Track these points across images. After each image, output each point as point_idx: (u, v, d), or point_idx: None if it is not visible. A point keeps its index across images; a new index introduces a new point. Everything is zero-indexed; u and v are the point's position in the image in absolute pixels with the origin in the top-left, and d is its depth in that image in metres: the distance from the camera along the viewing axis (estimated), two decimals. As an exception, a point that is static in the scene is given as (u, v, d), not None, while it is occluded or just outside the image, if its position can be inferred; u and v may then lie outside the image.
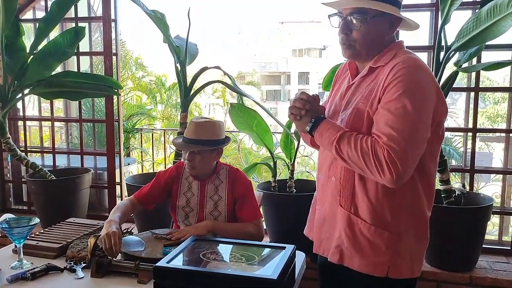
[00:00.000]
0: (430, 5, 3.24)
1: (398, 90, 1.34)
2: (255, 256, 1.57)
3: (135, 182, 3.56)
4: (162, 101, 12.03)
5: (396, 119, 1.32)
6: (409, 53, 1.46)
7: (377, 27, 1.44)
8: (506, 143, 3.41)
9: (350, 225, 1.48)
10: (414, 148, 1.34)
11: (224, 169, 2.18)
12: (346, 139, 1.38)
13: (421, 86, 1.36)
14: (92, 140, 4.56)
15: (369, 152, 1.32)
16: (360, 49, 1.47)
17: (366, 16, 1.41)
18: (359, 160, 1.34)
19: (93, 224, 2.29)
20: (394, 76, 1.36)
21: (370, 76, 1.48)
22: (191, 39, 3.41)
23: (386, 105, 1.35)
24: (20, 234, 1.78)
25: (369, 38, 1.44)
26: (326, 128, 1.43)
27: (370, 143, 1.33)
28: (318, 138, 1.46)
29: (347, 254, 1.50)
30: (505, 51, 3.33)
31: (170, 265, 1.44)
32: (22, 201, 4.35)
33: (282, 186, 3.31)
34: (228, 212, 2.13)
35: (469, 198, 2.96)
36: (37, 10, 4.20)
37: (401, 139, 1.30)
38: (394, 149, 1.30)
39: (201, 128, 2.04)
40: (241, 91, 3.38)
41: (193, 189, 2.17)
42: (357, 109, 1.44)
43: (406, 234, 1.46)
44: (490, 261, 3.01)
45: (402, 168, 1.30)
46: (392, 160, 1.30)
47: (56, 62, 3.60)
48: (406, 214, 1.46)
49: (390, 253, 1.45)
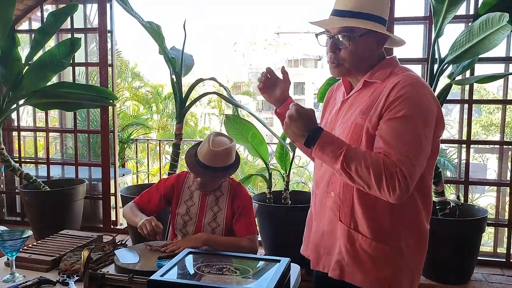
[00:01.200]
0: (423, 18, 3.27)
1: (403, 107, 1.34)
2: (249, 269, 1.56)
3: (129, 193, 3.54)
4: (158, 111, 12.03)
5: (404, 136, 1.32)
6: (407, 70, 1.47)
7: (365, 45, 1.45)
8: (500, 154, 3.44)
9: (351, 240, 1.47)
10: (421, 165, 1.35)
11: (226, 182, 2.18)
12: (353, 154, 1.34)
13: (425, 103, 1.37)
14: (87, 151, 4.54)
15: (382, 168, 1.30)
16: (349, 67, 1.47)
17: (353, 35, 1.42)
18: (369, 176, 1.31)
19: (87, 236, 2.27)
20: (398, 94, 1.36)
21: (366, 90, 1.48)
22: (186, 50, 3.43)
23: (392, 122, 1.35)
24: (13, 247, 1.76)
25: (357, 56, 1.45)
26: (327, 141, 1.37)
27: (382, 160, 1.31)
28: (318, 152, 1.38)
29: (347, 270, 1.49)
30: (498, 64, 3.37)
31: (164, 278, 1.43)
32: (15, 212, 4.32)
33: (277, 198, 3.30)
34: (226, 225, 2.12)
35: (463, 210, 2.97)
36: (33, 21, 4.21)
37: (412, 156, 1.31)
38: (404, 165, 1.29)
39: (219, 156, 2.01)
40: (236, 103, 3.39)
41: (194, 198, 2.18)
42: (355, 124, 1.43)
43: (406, 248, 1.46)
44: (485, 273, 3.01)
45: (411, 185, 1.31)
46: (403, 177, 1.29)
47: (51, 73, 3.60)
48: (406, 228, 1.46)
49: (392, 268, 1.45)
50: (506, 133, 3.42)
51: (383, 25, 1.46)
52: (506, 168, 3.43)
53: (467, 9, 3.22)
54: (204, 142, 2.08)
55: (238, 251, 2.00)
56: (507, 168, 3.43)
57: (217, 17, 64.73)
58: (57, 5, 4.07)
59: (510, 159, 3.29)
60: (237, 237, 2.09)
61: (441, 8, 2.74)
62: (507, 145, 3.33)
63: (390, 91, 1.38)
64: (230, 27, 62.52)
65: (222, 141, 2.05)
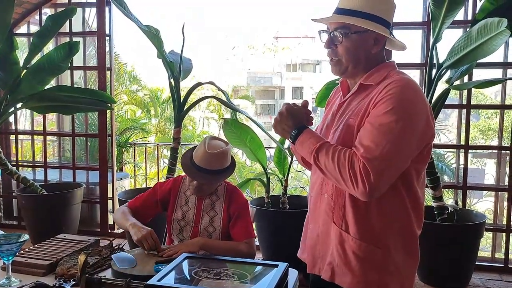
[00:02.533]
0: (422, 23, 3.28)
1: (387, 106, 1.35)
2: (247, 274, 1.55)
3: (127, 197, 3.53)
4: (157, 115, 12.02)
5: (378, 134, 1.33)
6: (402, 74, 1.48)
7: (360, 42, 1.47)
8: (498, 159, 3.44)
9: (342, 242, 1.48)
10: (392, 165, 1.34)
11: (222, 186, 2.17)
12: (325, 149, 1.39)
13: (411, 105, 1.37)
14: (85, 155, 4.53)
15: (345, 163, 1.33)
16: (347, 64, 1.50)
17: (348, 32, 1.46)
18: (335, 170, 1.35)
19: (84, 240, 2.25)
20: (385, 93, 1.37)
21: (361, 93, 1.50)
22: (185, 54, 3.43)
23: (372, 120, 1.37)
24: (9, 251, 1.75)
25: (352, 52, 1.48)
26: (307, 137, 1.44)
27: (348, 155, 1.34)
28: (298, 146, 1.46)
29: (338, 272, 1.49)
30: (496, 69, 3.37)
31: (162, 283, 1.42)
32: (12, 216, 4.29)
33: (275, 202, 3.30)
34: (223, 229, 2.11)
35: (462, 214, 2.97)
36: (31, 25, 4.21)
37: (379, 153, 1.31)
38: (370, 162, 1.30)
39: (217, 159, 2.02)
40: (234, 107, 3.39)
41: (190, 203, 2.16)
42: (347, 125, 1.45)
43: (395, 251, 1.46)
44: (484, 278, 3.00)
45: (376, 182, 1.31)
46: (366, 173, 1.30)
47: (49, 76, 3.60)
48: (395, 231, 1.46)
49: (380, 271, 1.45)
50: (504, 138, 3.41)
51: (385, 27, 1.46)
52: (504, 173, 3.43)
53: (465, 14, 3.23)
54: (200, 145, 2.08)
55: (235, 256, 1.99)
56: (505, 173, 3.43)
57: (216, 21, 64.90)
58: (55, 9, 4.08)
59: (508, 164, 3.29)
60: (234, 242, 2.08)
61: (439, 13, 2.75)
62: (505, 150, 3.32)
63: (380, 91, 1.39)
64: (229, 29, 62.73)
65: (217, 144, 2.06)
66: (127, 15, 3.13)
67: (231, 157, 2.13)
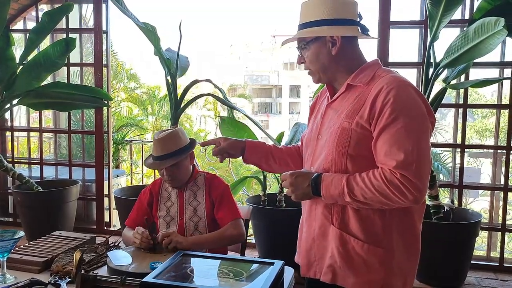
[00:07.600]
0: (419, 22, 3.28)
1: (393, 112, 1.35)
2: (243, 272, 1.55)
3: (123, 194, 3.52)
4: (154, 113, 12.00)
5: (399, 141, 1.34)
6: (390, 72, 1.48)
7: (317, 49, 1.51)
8: (494, 158, 3.45)
9: (343, 243, 1.47)
10: (426, 162, 1.36)
11: (202, 176, 2.22)
12: (353, 182, 1.38)
13: (413, 103, 1.38)
14: (81, 152, 4.52)
15: (382, 184, 1.33)
16: (318, 73, 1.55)
17: (304, 44, 1.53)
18: (376, 196, 1.34)
19: (80, 237, 2.25)
20: (385, 100, 1.37)
21: (351, 94, 1.49)
22: (182, 52, 3.42)
23: (385, 130, 1.36)
24: (4, 247, 1.74)
25: (315, 61, 1.53)
26: (328, 181, 1.42)
27: (379, 175, 1.34)
28: (326, 194, 1.43)
29: (340, 273, 1.49)
30: (492, 69, 3.38)
31: (157, 280, 1.41)
32: (7, 213, 4.28)
33: (272, 200, 3.30)
34: (208, 217, 2.14)
35: (457, 213, 2.97)
36: (27, 21, 4.19)
37: (410, 158, 1.32)
38: (406, 170, 1.31)
39: (165, 142, 2.09)
40: (231, 105, 3.39)
41: (172, 198, 2.21)
42: (342, 128, 1.45)
43: (398, 251, 1.46)
44: (479, 277, 3.01)
45: (420, 185, 1.32)
46: (408, 181, 1.31)
47: (45, 73, 3.58)
48: (398, 229, 1.46)
49: (384, 271, 1.45)
50: (500, 138, 3.43)
51: (342, 25, 1.48)
52: (500, 172, 3.44)
53: (463, 13, 3.23)
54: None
55: (226, 242, 2.11)
56: (501, 173, 3.44)
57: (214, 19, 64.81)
58: (52, 5, 4.05)
59: (504, 164, 3.30)
60: (220, 229, 2.10)
61: (436, 12, 2.75)
62: (501, 149, 3.33)
63: (375, 97, 1.39)
64: (227, 29, 62.65)
65: (165, 131, 2.14)
66: (124, 12, 3.12)
67: (188, 138, 2.18)
